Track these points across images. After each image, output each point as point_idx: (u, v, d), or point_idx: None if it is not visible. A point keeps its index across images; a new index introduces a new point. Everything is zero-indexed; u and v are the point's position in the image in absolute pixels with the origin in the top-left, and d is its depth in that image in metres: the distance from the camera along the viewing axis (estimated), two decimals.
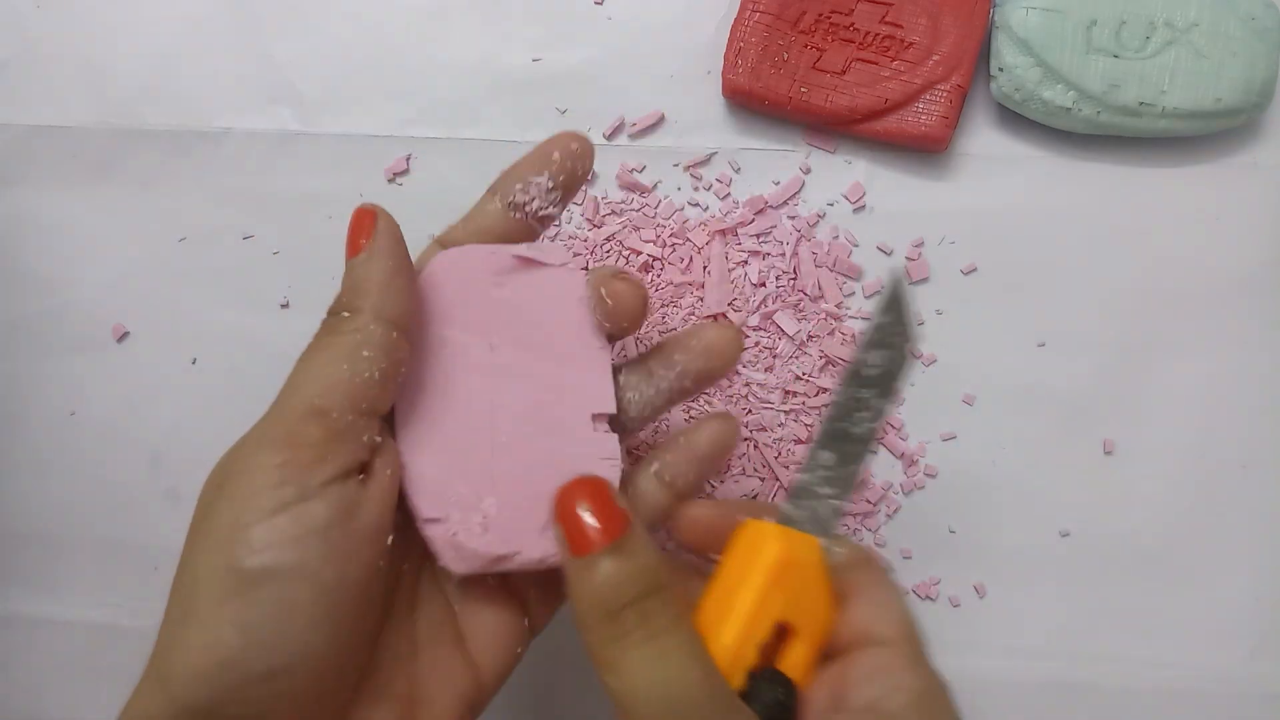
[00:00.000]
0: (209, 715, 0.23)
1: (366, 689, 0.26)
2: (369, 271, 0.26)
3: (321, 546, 0.23)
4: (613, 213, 0.43)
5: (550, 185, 0.30)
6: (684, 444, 0.30)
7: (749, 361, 0.41)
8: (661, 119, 0.43)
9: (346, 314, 0.26)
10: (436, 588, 0.29)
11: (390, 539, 0.26)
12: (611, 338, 0.30)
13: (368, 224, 0.27)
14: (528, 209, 0.30)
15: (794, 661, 0.27)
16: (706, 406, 0.41)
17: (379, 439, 0.26)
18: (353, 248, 0.27)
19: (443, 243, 0.30)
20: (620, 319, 0.29)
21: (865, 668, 0.26)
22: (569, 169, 0.30)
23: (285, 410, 0.25)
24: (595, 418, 0.29)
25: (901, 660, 0.26)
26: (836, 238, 0.42)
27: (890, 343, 0.29)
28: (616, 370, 0.31)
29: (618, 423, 0.30)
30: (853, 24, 0.41)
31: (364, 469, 0.26)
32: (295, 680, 0.23)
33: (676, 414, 0.41)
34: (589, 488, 0.25)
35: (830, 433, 0.29)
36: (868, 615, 0.27)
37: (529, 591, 0.30)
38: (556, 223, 0.41)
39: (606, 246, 0.42)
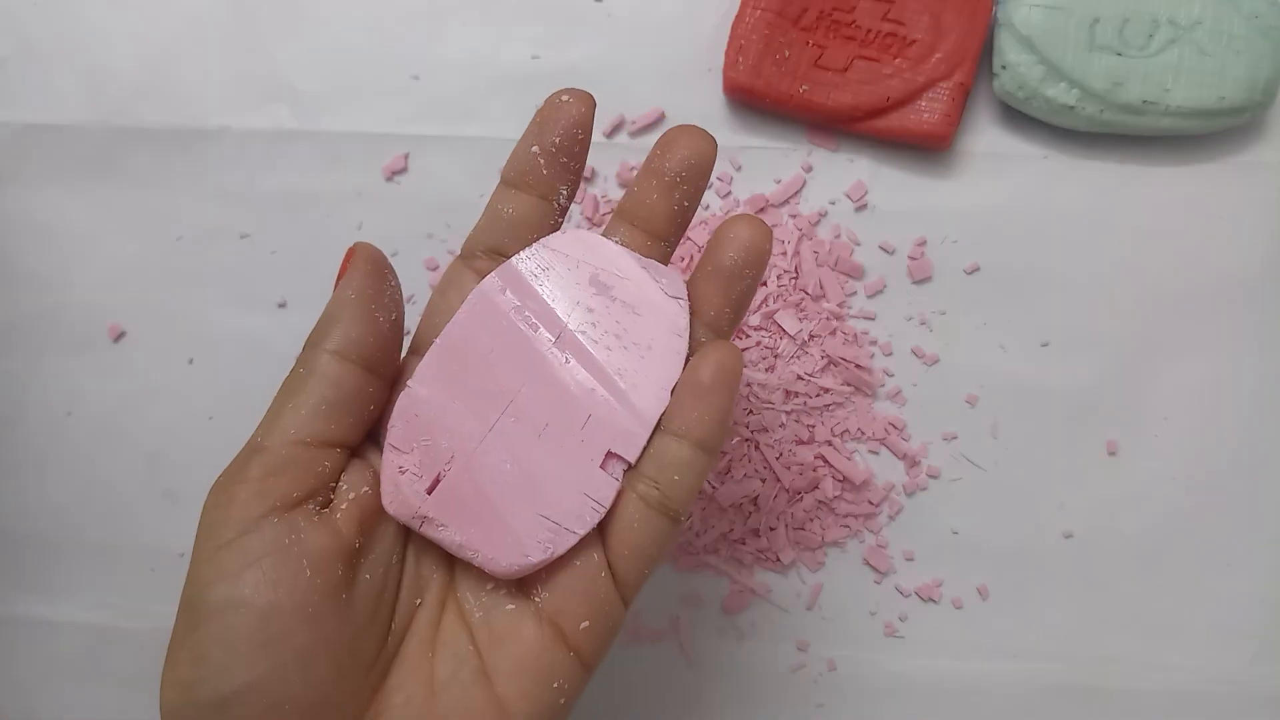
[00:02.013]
0: None
1: None
2: (331, 305, 0.27)
3: (255, 576, 0.24)
4: (613, 211, 0.42)
5: (535, 148, 0.28)
6: (686, 382, 0.27)
7: (750, 362, 0.41)
8: (662, 117, 0.43)
9: (308, 348, 0.26)
10: (460, 625, 0.27)
11: (341, 570, 0.25)
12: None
13: (346, 259, 0.27)
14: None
15: None
16: None
17: (329, 464, 0.26)
18: (335, 283, 0.27)
19: (465, 251, 0.29)
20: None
21: None
22: (552, 119, 0.28)
23: (242, 448, 0.26)
24: (610, 457, 0.27)
25: None
26: (838, 236, 0.42)
27: None
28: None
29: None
30: (854, 21, 0.41)
31: (321, 497, 0.26)
32: (248, 708, 0.24)
33: None
34: None
35: None
36: None
37: (569, 614, 0.27)
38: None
39: None
